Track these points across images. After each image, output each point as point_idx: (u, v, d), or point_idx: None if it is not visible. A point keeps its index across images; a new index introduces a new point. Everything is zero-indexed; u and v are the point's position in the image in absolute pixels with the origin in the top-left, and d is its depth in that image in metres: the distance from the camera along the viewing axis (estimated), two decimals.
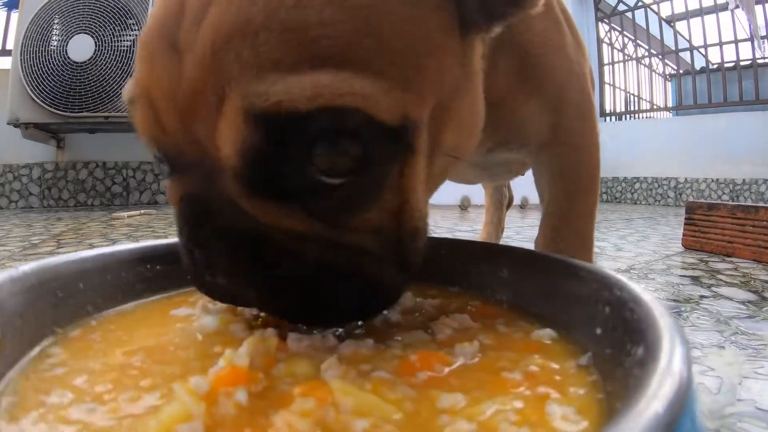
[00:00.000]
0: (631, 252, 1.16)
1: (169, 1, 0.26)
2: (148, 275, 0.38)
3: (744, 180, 4.13)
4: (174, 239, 0.33)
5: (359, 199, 0.27)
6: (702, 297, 0.71)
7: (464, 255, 0.41)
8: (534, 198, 2.68)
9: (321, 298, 0.28)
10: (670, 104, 5.55)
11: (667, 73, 5.91)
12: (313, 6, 0.23)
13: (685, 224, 1.17)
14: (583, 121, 0.50)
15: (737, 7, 3.41)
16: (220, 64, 0.24)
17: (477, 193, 2.62)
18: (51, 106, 2.17)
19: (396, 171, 0.27)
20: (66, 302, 0.32)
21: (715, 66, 4.79)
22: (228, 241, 0.27)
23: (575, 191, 0.52)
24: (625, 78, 5.54)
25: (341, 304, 0.29)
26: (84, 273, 0.34)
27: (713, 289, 0.76)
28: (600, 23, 5.50)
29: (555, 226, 0.52)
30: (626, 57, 5.48)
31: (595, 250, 0.96)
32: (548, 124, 0.48)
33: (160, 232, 1.45)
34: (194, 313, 0.33)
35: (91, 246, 1.13)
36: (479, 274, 0.39)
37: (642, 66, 5.59)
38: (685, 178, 4.52)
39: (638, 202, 4.84)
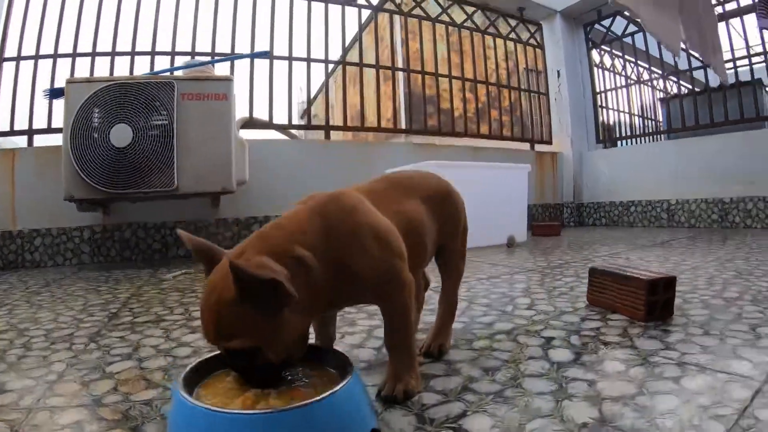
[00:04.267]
0: (536, 309, 1.61)
1: (203, 299, 0.74)
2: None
3: (732, 199, 4.41)
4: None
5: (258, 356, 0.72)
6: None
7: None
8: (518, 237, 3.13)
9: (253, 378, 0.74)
10: (662, 128, 5.92)
11: (657, 97, 6.27)
12: (224, 317, 0.70)
13: (588, 285, 1.59)
14: (390, 284, 0.88)
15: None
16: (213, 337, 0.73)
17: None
18: (100, 185, 2.64)
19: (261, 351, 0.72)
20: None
21: (699, 89, 5.10)
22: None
23: (392, 317, 0.91)
24: (617, 103, 5.85)
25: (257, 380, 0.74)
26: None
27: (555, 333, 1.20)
28: (594, 50, 5.87)
29: (387, 333, 0.92)
30: (622, 82, 5.84)
31: (510, 304, 1.37)
32: (372, 294, 0.88)
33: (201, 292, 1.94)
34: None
35: (158, 315, 1.61)
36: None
37: (635, 89, 5.93)
38: (677, 200, 4.81)
39: (634, 225, 5.17)
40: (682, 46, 3.37)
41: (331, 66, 4.36)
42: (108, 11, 3.72)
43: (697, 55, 4.25)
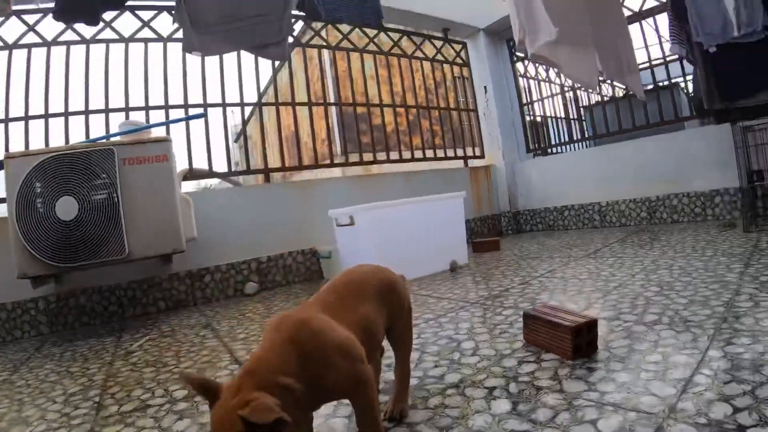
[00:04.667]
0: (479, 354, 1.86)
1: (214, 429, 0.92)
2: None
3: (658, 197, 4.80)
4: None
5: None
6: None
7: None
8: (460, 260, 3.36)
9: None
10: (587, 134, 6.30)
11: (582, 104, 6.63)
12: None
13: (524, 326, 1.82)
14: (356, 386, 1.08)
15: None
16: None
17: (411, 271, 3.37)
18: (52, 261, 2.73)
19: None
20: None
21: (621, 94, 5.46)
22: None
23: (361, 407, 1.10)
24: (545, 111, 6.18)
25: None
26: None
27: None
28: (519, 63, 6.19)
29: (358, 418, 1.11)
30: (548, 91, 6.17)
31: (457, 350, 1.58)
32: (343, 394, 1.10)
33: (173, 365, 2.10)
34: None
35: (141, 399, 1.77)
36: None
37: (560, 97, 6.27)
38: (607, 202, 5.18)
39: (569, 228, 5.52)
40: (600, 77, 3.68)
41: (266, 95, 4.53)
42: (37, 73, 3.77)
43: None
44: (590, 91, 4.58)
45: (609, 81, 5.27)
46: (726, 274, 2.43)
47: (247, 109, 4.53)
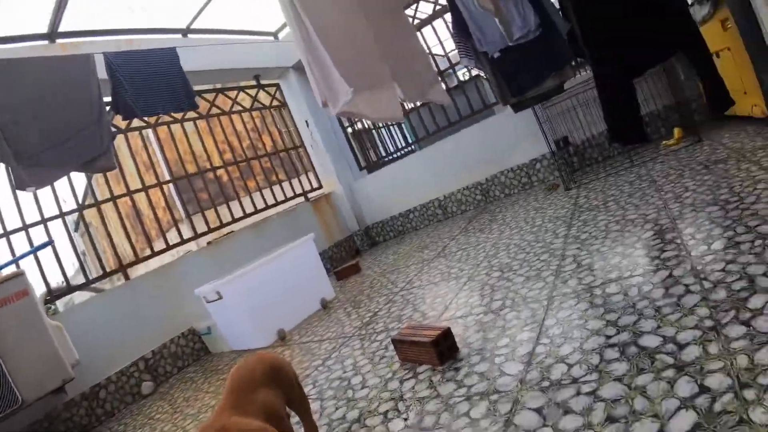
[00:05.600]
0: (368, 386, 2.17)
1: None
2: None
3: (487, 179, 5.35)
4: None
5: None
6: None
7: None
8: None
9: None
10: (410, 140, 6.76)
11: None
12: None
13: (395, 350, 2.13)
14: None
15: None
16: None
17: (288, 323, 3.62)
18: None
19: None
20: None
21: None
22: None
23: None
24: (365, 127, 6.57)
25: None
26: None
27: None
28: None
29: None
30: None
31: (349, 388, 1.87)
32: None
33: None
34: None
35: None
36: None
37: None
38: (444, 195, 5.68)
39: (418, 228, 5.97)
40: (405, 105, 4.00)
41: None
42: None
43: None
44: (395, 122, 4.96)
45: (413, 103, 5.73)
46: (553, 241, 2.88)
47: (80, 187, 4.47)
